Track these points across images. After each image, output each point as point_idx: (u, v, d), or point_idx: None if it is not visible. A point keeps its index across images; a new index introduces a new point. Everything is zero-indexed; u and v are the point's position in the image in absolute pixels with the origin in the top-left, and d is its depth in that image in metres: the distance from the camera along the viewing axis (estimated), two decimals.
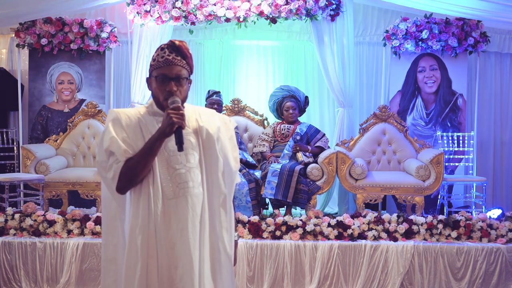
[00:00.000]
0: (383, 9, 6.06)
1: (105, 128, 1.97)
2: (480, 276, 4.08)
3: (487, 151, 6.09)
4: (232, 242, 2.09)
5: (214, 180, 2.03)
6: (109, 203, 2.04)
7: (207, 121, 2.05)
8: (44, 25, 5.50)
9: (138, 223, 1.91)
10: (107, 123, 1.96)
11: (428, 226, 4.24)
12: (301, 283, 4.09)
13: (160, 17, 5.31)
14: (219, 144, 2.05)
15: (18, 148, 5.49)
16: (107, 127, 1.96)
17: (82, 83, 5.78)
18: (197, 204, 1.98)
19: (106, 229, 2.06)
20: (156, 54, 1.99)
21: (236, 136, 5.72)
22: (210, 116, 2.09)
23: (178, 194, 1.94)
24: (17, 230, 4.25)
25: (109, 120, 1.97)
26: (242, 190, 4.64)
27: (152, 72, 1.99)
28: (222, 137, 2.08)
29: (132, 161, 1.91)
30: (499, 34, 5.98)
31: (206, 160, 2.02)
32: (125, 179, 1.90)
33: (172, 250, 1.93)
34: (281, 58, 6.29)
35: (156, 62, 1.97)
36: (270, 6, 5.19)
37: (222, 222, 2.04)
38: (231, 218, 2.11)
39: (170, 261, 1.92)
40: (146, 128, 1.96)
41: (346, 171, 4.79)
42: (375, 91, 6.18)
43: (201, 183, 2.00)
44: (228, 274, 2.07)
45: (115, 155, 1.91)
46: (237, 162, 2.14)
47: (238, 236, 4.18)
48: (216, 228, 2.03)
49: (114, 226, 2.03)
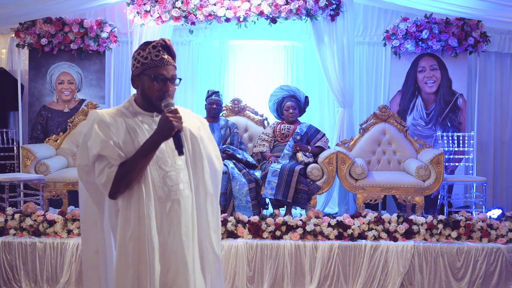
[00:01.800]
0: (383, 9, 6.06)
1: (88, 130, 1.88)
2: (480, 276, 4.08)
3: (487, 151, 6.09)
4: (219, 242, 2.09)
5: (201, 180, 2.01)
6: (88, 209, 1.99)
7: (188, 121, 2.01)
8: (44, 25, 5.50)
9: (129, 228, 1.84)
10: (91, 125, 1.87)
11: (428, 226, 4.24)
12: (301, 283, 4.08)
13: (160, 17, 5.31)
14: (202, 144, 2.03)
15: (18, 148, 5.49)
16: (91, 129, 1.86)
17: (82, 83, 5.78)
18: (188, 206, 1.95)
19: (86, 235, 2.01)
20: (147, 52, 1.90)
21: (236, 136, 5.74)
22: (188, 116, 2.05)
23: (170, 196, 1.91)
24: (17, 230, 4.24)
25: (93, 122, 1.88)
26: (242, 190, 4.64)
27: (145, 71, 1.91)
28: (204, 137, 2.06)
29: (127, 165, 1.84)
30: (499, 34, 5.97)
31: (192, 161, 2.00)
32: (121, 184, 1.84)
33: (163, 254, 1.88)
34: (281, 58, 6.29)
35: (150, 61, 1.90)
36: (270, 6, 5.19)
37: (209, 222, 2.03)
38: (218, 218, 2.10)
39: (162, 265, 1.88)
40: (133, 130, 1.91)
41: (346, 171, 4.79)
42: (375, 91, 6.18)
43: (189, 184, 1.98)
44: (217, 274, 2.07)
45: (105, 159, 1.85)
46: (220, 162, 2.12)
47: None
48: (204, 229, 2.02)
49: (94, 232, 1.99)
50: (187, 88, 6.22)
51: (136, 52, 1.94)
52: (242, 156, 5.01)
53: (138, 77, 1.94)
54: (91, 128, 1.87)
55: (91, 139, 1.86)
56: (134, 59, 1.94)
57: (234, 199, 4.64)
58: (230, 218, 4.25)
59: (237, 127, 5.33)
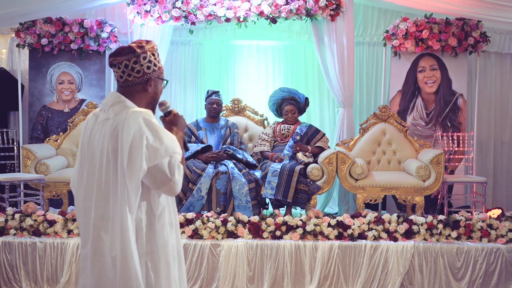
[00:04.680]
0: (383, 9, 6.06)
1: (158, 130, 1.87)
2: (480, 276, 4.08)
3: (487, 151, 6.09)
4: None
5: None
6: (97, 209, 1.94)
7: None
8: (44, 25, 5.50)
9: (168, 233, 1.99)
10: (152, 124, 1.87)
11: (428, 226, 4.24)
12: (301, 283, 4.09)
13: (160, 17, 5.31)
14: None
15: (18, 148, 5.49)
16: (157, 128, 1.87)
17: (82, 83, 5.78)
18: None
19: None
20: (156, 57, 2.00)
21: (236, 136, 5.74)
22: None
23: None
24: (17, 230, 4.25)
25: (150, 122, 1.87)
26: (242, 190, 4.64)
27: (160, 76, 2.02)
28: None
29: (181, 160, 1.96)
30: (499, 34, 5.97)
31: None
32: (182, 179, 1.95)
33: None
34: (281, 58, 6.29)
35: (161, 66, 2.03)
36: (270, 6, 5.20)
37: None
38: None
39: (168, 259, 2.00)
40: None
41: (346, 171, 4.80)
42: (375, 91, 6.18)
43: None
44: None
45: (174, 156, 1.89)
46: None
47: None
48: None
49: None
50: (187, 88, 6.22)
51: (147, 53, 1.96)
52: (242, 156, 5.02)
53: (154, 80, 2.00)
54: (157, 128, 1.87)
55: (164, 138, 1.87)
56: (149, 61, 1.96)
57: (234, 199, 4.64)
58: (230, 218, 4.26)
59: (237, 127, 5.34)
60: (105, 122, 1.90)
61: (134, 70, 1.94)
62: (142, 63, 1.94)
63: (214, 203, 4.65)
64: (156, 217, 1.91)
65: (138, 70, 1.94)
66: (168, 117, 2.07)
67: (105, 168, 1.86)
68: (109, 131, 1.87)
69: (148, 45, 1.97)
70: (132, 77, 1.95)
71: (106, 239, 1.84)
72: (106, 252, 1.84)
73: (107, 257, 1.83)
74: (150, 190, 1.91)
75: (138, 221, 1.87)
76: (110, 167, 1.86)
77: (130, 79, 1.95)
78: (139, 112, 1.87)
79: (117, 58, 1.94)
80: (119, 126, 1.85)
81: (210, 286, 4.06)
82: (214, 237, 4.16)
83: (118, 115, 1.88)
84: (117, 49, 1.97)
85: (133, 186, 1.82)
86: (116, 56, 1.95)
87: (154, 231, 1.90)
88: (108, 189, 1.86)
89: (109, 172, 1.86)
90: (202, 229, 4.17)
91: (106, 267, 1.84)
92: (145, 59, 1.95)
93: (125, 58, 1.93)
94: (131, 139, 1.81)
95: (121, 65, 1.94)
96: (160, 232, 1.91)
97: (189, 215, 4.26)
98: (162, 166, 1.84)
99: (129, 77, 1.95)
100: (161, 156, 1.84)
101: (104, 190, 1.86)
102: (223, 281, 4.03)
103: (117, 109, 1.90)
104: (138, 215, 1.87)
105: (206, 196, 4.63)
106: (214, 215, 4.30)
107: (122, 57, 1.94)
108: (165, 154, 1.85)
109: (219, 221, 4.20)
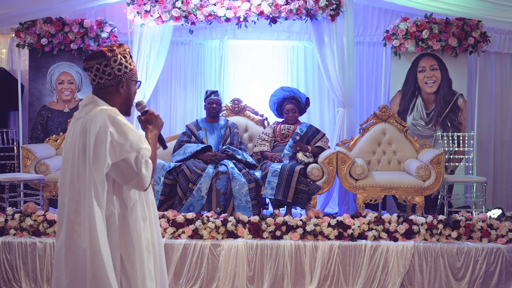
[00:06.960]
0: (383, 9, 6.06)
1: (119, 127, 1.95)
2: (480, 276, 4.08)
3: (487, 151, 6.08)
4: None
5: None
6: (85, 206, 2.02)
7: None
8: (44, 25, 5.50)
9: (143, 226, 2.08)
10: (117, 122, 1.95)
11: (428, 226, 4.24)
12: (301, 283, 4.08)
13: (160, 17, 5.31)
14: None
15: (18, 148, 5.49)
16: (123, 125, 1.96)
17: (82, 83, 5.77)
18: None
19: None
20: (128, 59, 2.08)
21: (236, 136, 5.74)
22: None
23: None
24: (17, 230, 4.25)
25: (115, 119, 1.96)
26: (242, 190, 4.63)
27: (132, 77, 2.10)
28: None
29: (152, 157, 2.04)
30: (499, 34, 5.97)
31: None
32: (152, 175, 2.03)
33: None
34: (281, 58, 6.28)
35: (133, 68, 2.10)
36: (270, 6, 5.19)
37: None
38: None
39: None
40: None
41: (346, 171, 4.79)
42: (375, 91, 6.18)
43: None
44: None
45: (141, 152, 1.97)
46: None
47: None
48: None
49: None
50: (187, 88, 6.22)
51: (118, 56, 2.05)
52: (242, 156, 5.02)
53: (126, 82, 2.09)
54: (122, 124, 1.96)
55: (129, 134, 1.95)
56: (119, 64, 2.05)
57: (234, 199, 4.64)
58: (230, 218, 4.25)
59: (237, 127, 5.33)
60: (77, 121, 2.02)
61: (106, 73, 2.04)
62: (113, 66, 2.04)
63: (214, 203, 4.65)
64: (128, 211, 2.00)
65: (109, 72, 2.04)
66: (144, 116, 2.15)
67: (76, 164, 1.96)
68: (79, 129, 1.98)
69: (119, 49, 2.07)
70: (104, 79, 2.05)
71: (79, 232, 1.93)
72: (79, 245, 1.92)
73: (80, 249, 1.92)
74: (122, 185, 2.00)
75: (110, 215, 1.96)
76: (81, 163, 1.95)
77: (102, 81, 2.05)
78: (105, 109, 1.97)
79: (89, 62, 2.04)
80: (87, 123, 1.96)
81: (210, 286, 4.06)
82: (214, 237, 4.16)
83: (88, 114, 1.99)
84: (90, 54, 2.07)
85: (100, 180, 1.91)
86: (88, 60, 2.05)
87: (127, 224, 1.99)
88: (79, 184, 1.95)
89: (80, 167, 1.95)
90: (202, 229, 4.17)
91: (79, 259, 1.92)
92: (115, 62, 2.04)
93: (96, 62, 2.03)
94: (95, 135, 1.91)
95: (93, 68, 2.04)
96: (133, 225, 2.00)
97: (189, 215, 4.26)
98: (128, 161, 1.94)
99: (101, 80, 2.05)
100: (126, 151, 1.93)
101: (76, 185, 1.95)
102: (223, 281, 4.03)
103: (89, 108, 2.01)
104: (111, 209, 1.96)
105: (206, 196, 4.64)
106: (214, 215, 4.30)
107: (93, 61, 2.04)
108: (130, 149, 1.94)
109: (219, 221, 4.19)
